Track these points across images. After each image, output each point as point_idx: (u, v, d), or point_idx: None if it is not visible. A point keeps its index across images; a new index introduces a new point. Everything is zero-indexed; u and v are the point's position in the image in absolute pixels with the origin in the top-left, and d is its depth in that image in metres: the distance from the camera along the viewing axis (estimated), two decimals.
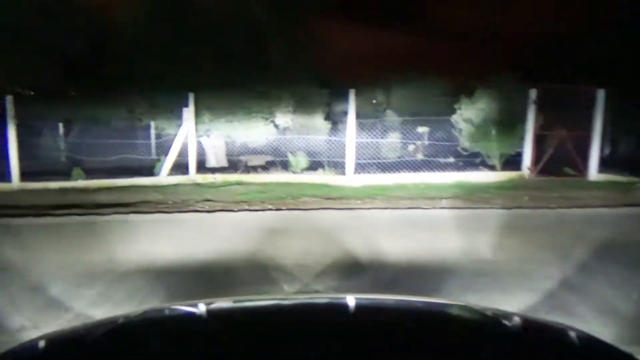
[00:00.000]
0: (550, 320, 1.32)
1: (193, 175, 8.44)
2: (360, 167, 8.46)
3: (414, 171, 8.60)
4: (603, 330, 2.52)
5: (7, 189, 7.75)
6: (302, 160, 8.94)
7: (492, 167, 9.18)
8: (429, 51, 13.02)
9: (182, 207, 6.30)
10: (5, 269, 3.65)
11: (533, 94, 8.92)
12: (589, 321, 2.73)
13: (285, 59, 9.42)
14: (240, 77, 9.11)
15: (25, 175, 8.12)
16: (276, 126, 9.98)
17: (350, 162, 8.26)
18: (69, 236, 4.89)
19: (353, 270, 3.74)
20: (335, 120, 10.47)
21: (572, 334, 1.19)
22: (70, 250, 4.28)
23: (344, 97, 10.58)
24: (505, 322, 1.29)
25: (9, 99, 8.24)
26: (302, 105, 9.90)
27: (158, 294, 3.16)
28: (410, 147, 11.77)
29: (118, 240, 4.55)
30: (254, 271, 3.69)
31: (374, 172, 8.49)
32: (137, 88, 9.56)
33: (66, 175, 8.42)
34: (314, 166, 8.95)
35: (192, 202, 6.57)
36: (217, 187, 7.83)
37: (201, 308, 1.35)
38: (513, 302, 2.92)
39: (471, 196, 7.08)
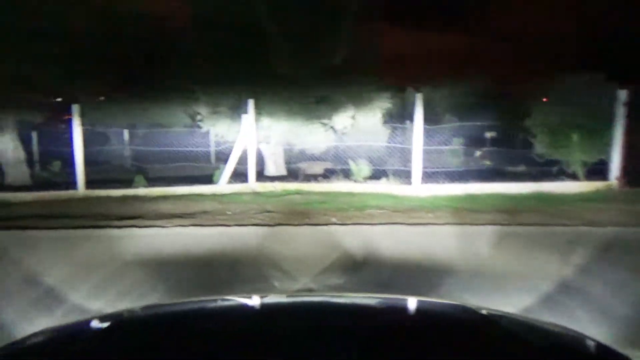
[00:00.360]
0: (549, 322, 1.30)
1: (252, 184, 8.23)
2: (427, 176, 7.91)
3: (485, 180, 7.94)
4: None
5: (73, 196, 7.86)
6: (364, 169, 8.51)
7: (573, 177, 8.32)
8: (498, 51, 12.27)
9: (241, 219, 6.05)
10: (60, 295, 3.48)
11: (622, 95, 8.01)
12: None
13: (345, 62, 9.06)
14: (299, 81, 8.85)
15: (90, 183, 8.23)
16: (335, 132, 9.63)
17: (417, 170, 7.73)
18: (129, 252, 4.73)
19: None
20: (395, 126, 9.99)
21: (571, 335, 1.19)
22: (130, 273, 4.08)
23: (405, 101, 10.08)
24: (503, 322, 1.29)
25: (76, 107, 8.39)
26: (362, 109, 9.49)
27: None
28: (478, 154, 11.07)
29: (181, 263, 4.31)
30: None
31: (442, 182, 7.90)
32: (197, 95, 9.53)
33: (128, 182, 8.47)
34: (376, 174, 8.49)
35: (252, 213, 6.32)
36: (276, 197, 7.56)
37: (199, 306, 1.35)
38: None
39: (556, 210, 6.37)
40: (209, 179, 8.59)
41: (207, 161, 10.14)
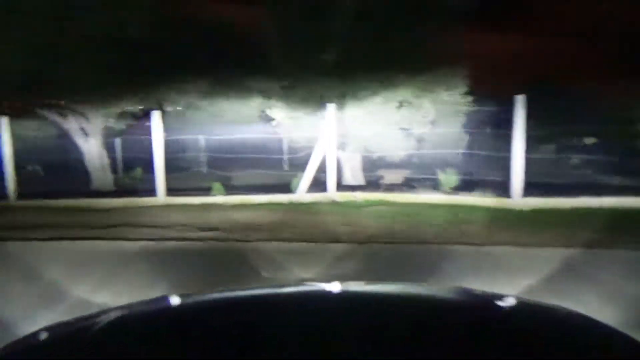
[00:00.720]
0: (551, 304, 1.30)
1: (332, 193, 7.80)
2: (527, 188, 7.07)
3: (592, 194, 6.96)
4: None
5: (154, 204, 7.83)
6: (453, 178, 7.82)
7: None
8: (595, 50, 11.04)
9: (324, 233, 5.61)
10: None
11: None
12: None
13: (428, 65, 8.43)
14: (379, 85, 8.35)
15: (169, 190, 8.20)
16: (415, 138, 9.03)
17: (517, 181, 6.91)
18: (214, 272, 4.43)
19: None
20: (475, 132, 9.22)
21: (572, 316, 1.20)
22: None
23: (492, 106, 9.28)
24: (505, 305, 1.29)
25: (157, 113, 8.41)
26: (444, 114, 8.81)
27: None
28: (575, 162, 10.01)
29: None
30: None
31: (543, 194, 7.02)
32: (272, 100, 9.32)
33: (206, 190, 8.37)
34: (465, 185, 7.77)
35: (334, 227, 5.87)
36: (358, 208, 7.07)
37: (202, 299, 1.34)
38: None
39: None
40: (285, 187, 8.29)
41: (282, 168, 9.87)
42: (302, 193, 7.88)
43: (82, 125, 9.74)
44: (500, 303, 1.30)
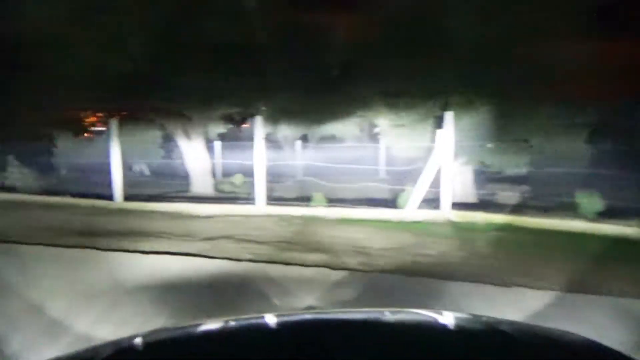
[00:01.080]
0: (559, 329, 1.29)
1: (446, 212, 6.92)
2: None
3: None
4: None
5: (255, 213, 7.45)
6: (596, 202, 6.56)
7: None
8: None
9: (450, 265, 4.76)
10: None
11: None
12: None
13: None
14: (506, 91, 7.34)
15: (269, 199, 7.81)
16: (533, 152, 7.91)
17: None
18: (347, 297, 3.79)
19: None
20: (604, 147, 7.86)
21: (581, 342, 1.18)
22: None
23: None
24: (517, 333, 1.26)
25: (260, 119, 8.08)
26: (564, 127, 7.59)
27: None
28: None
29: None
30: None
31: None
32: (377, 106, 8.65)
33: (305, 200, 7.89)
34: (612, 211, 6.47)
35: (459, 259, 4.97)
36: (483, 232, 6.11)
37: (209, 328, 1.35)
38: None
39: None
40: (391, 202, 7.54)
41: (387, 180, 9.13)
42: (412, 210, 7.08)
43: (185, 128, 9.74)
44: (508, 329, 1.28)
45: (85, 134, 12.99)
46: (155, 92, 8.89)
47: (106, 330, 3.01)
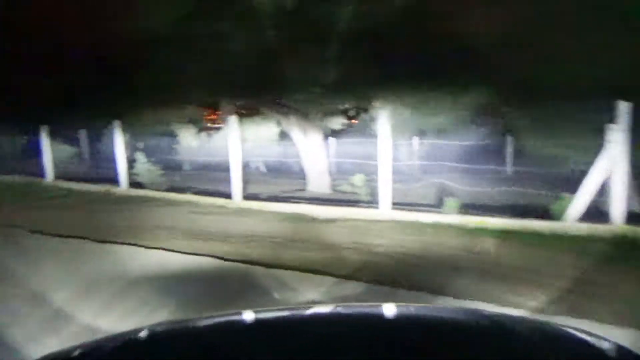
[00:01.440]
0: (565, 325, 1.28)
1: (619, 226, 5.59)
2: None
3: None
4: None
5: (379, 218, 6.72)
6: None
7: None
8: None
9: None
10: None
11: None
12: None
13: None
14: None
15: (393, 203, 7.05)
16: None
17: None
18: None
19: None
20: None
21: (593, 340, 1.16)
22: None
23: None
24: (523, 328, 1.26)
25: (385, 114, 7.35)
26: None
27: None
28: None
29: None
30: None
31: None
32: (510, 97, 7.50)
33: (433, 205, 7.02)
34: None
35: None
36: None
37: (212, 322, 1.34)
38: None
39: None
40: (540, 211, 6.36)
41: (532, 184, 7.88)
42: (571, 222, 5.85)
43: (301, 124, 9.36)
44: (513, 324, 1.28)
45: (206, 130, 13.39)
46: (272, 87, 8.63)
47: None
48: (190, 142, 13.55)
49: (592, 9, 6.06)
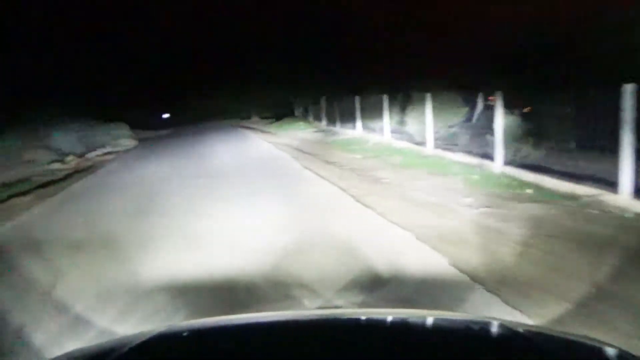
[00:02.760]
0: (580, 334, 1.24)
1: None
2: None
3: None
4: None
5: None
6: None
7: None
8: None
9: None
10: None
11: None
12: None
13: None
14: None
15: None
16: None
17: None
18: None
19: None
20: None
21: (601, 347, 1.14)
22: None
23: None
24: (538, 339, 1.20)
25: None
26: None
27: None
28: None
29: None
30: None
31: None
32: None
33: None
34: None
35: None
36: None
37: (223, 325, 1.41)
38: None
39: None
40: None
41: None
42: None
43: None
44: (525, 333, 1.22)
45: None
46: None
47: None
48: None
49: None
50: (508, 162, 7.94)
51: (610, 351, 1.11)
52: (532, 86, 10.94)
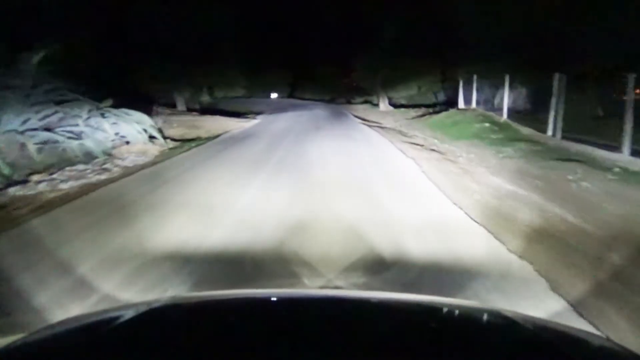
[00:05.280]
0: (587, 331, 1.22)
1: None
2: None
3: None
4: None
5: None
6: None
7: None
8: None
9: None
10: None
11: None
12: None
13: None
14: None
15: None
16: None
17: None
18: None
19: None
20: None
21: (606, 345, 1.15)
22: None
23: None
24: (539, 330, 1.17)
25: None
26: None
27: None
28: None
29: None
30: None
31: None
32: None
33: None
34: None
35: None
36: None
37: (219, 299, 1.40)
38: None
39: None
40: None
41: None
42: None
43: None
44: (532, 326, 1.18)
45: None
46: None
47: None
48: None
49: None
50: None
51: (609, 347, 1.14)
52: None
